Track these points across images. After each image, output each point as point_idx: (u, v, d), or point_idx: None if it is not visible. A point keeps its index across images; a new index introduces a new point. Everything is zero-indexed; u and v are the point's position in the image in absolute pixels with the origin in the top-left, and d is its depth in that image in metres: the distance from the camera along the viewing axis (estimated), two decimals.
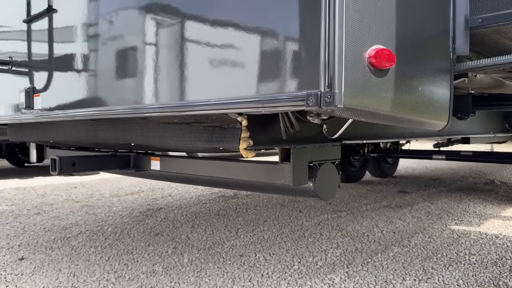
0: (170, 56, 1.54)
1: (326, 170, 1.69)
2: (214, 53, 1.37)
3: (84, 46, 2.07)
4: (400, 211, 4.51)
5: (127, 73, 1.76)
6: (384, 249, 3.17)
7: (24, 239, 3.42)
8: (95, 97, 1.93)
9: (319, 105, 1.03)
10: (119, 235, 3.48)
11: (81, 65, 2.05)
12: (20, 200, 5.27)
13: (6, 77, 2.70)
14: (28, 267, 2.75)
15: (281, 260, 2.87)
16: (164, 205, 4.82)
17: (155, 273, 2.63)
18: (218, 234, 3.51)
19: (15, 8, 2.65)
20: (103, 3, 1.99)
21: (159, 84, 1.57)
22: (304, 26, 1.10)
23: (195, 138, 1.65)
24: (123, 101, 1.76)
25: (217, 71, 1.35)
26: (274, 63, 1.20)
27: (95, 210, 4.53)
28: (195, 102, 1.39)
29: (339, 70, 1.03)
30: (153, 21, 1.63)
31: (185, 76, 1.46)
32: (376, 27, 1.14)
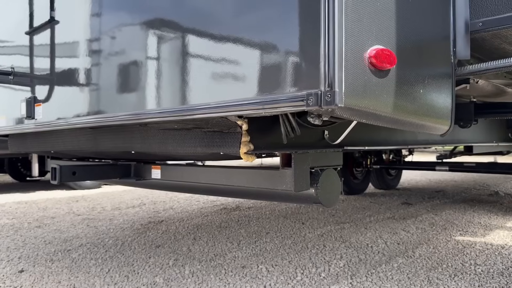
0: (169, 61, 1.54)
1: (328, 176, 1.67)
2: (213, 56, 1.37)
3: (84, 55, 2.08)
4: (404, 223, 4.46)
5: (126, 80, 1.76)
6: (389, 260, 3.12)
7: (24, 251, 3.39)
8: (95, 105, 1.93)
9: (320, 104, 1.02)
10: (119, 247, 3.44)
11: (81, 74, 2.05)
12: (21, 213, 5.25)
13: (8, 88, 2.71)
14: (28, 279, 2.71)
15: (284, 272, 2.83)
16: (166, 217, 4.78)
17: (156, 285, 2.59)
18: (220, 246, 3.47)
19: (17, 19, 2.68)
20: (103, 14, 2.01)
21: (158, 89, 1.56)
22: (303, 26, 1.10)
23: (195, 143, 1.64)
24: (123, 107, 1.76)
25: (216, 74, 1.35)
26: (273, 64, 1.19)
27: (96, 223, 4.50)
28: (195, 106, 1.38)
29: (339, 69, 1.02)
30: (151, 25, 1.64)
31: (184, 80, 1.45)
32: (376, 27, 1.14)
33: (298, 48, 1.13)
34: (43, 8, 2.52)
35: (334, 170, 1.72)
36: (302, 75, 1.10)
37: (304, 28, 1.10)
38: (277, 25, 1.18)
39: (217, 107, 1.28)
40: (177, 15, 1.53)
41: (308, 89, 1.07)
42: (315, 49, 1.06)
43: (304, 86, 1.09)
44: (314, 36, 1.07)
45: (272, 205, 5.57)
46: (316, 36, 1.06)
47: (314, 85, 1.06)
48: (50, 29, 2.44)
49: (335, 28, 1.03)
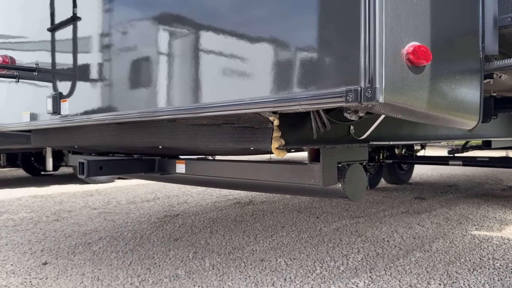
0: (201, 56, 1.56)
1: (354, 170, 1.69)
2: (247, 51, 1.39)
3: (109, 51, 2.11)
4: (418, 217, 4.46)
5: (156, 76, 1.79)
6: (406, 254, 3.14)
7: (45, 244, 3.45)
8: (122, 100, 1.96)
9: (359, 100, 1.04)
10: (139, 241, 3.50)
11: (107, 70, 2.08)
12: (38, 207, 5.33)
13: (32, 84, 2.75)
14: (52, 271, 2.77)
15: (303, 265, 2.86)
16: (181, 211, 4.83)
17: (178, 277, 2.63)
18: (237, 240, 3.51)
19: (40, 16, 2.72)
20: (126, 10, 2.03)
21: (190, 85, 1.59)
22: (343, 22, 1.12)
23: (225, 139, 1.66)
24: (151, 104, 1.79)
25: (253, 70, 1.37)
26: (310, 60, 1.21)
27: (113, 217, 4.56)
28: (228, 102, 1.40)
29: (379, 65, 1.04)
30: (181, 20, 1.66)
31: (218, 75, 1.48)
32: (413, 24, 1.15)
33: (337, 44, 1.14)
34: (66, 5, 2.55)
35: (360, 165, 1.74)
36: (341, 71, 1.12)
37: (343, 24, 1.12)
38: (315, 21, 1.20)
39: (253, 103, 1.31)
40: (215, 10, 1.55)
41: (347, 85, 1.09)
42: (355, 45, 1.08)
43: (342, 82, 1.11)
44: (354, 32, 1.08)
45: (285, 199, 5.60)
46: (355, 32, 1.08)
47: (354, 81, 1.08)
48: (73, 26, 2.47)
49: (376, 24, 1.04)
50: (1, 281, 2.62)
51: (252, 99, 1.31)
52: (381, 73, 1.05)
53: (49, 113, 2.39)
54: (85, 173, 2.15)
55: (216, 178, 2.10)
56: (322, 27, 1.18)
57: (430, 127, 2.36)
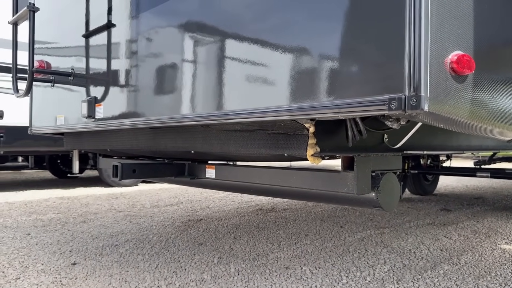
0: (237, 62, 1.59)
1: (388, 180, 1.67)
2: (286, 57, 1.40)
3: (143, 57, 2.16)
4: (445, 229, 4.37)
5: (190, 81, 1.82)
6: (433, 266, 3.07)
7: (74, 245, 3.53)
8: (156, 105, 2.00)
9: (404, 109, 1.04)
10: (164, 244, 3.54)
11: (141, 75, 2.13)
12: (65, 208, 5.46)
13: (67, 88, 2.84)
14: (81, 272, 2.83)
15: (328, 274, 2.84)
16: (204, 216, 4.87)
17: (204, 282, 2.65)
18: (261, 246, 3.51)
19: (76, 23, 2.81)
20: (160, 17, 2.07)
21: (227, 90, 1.61)
22: (387, 29, 1.12)
23: (259, 145, 1.68)
24: (185, 109, 1.82)
25: (290, 76, 1.38)
26: (350, 67, 1.21)
27: (138, 220, 4.62)
28: (265, 108, 1.42)
29: (425, 73, 1.04)
30: (216, 27, 1.69)
31: (255, 82, 1.49)
32: (457, 32, 1.14)
33: (380, 51, 1.14)
34: (101, 12, 2.63)
35: (394, 174, 1.72)
36: (384, 78, 1.12)
37: (387, 31, 1.12)
38: (359, 27, 1.20)
39: (291, 110, 1.32)
40: (251, 16, 1.58)
41: (390, 93, 1.09)
42: (399, 53, 1.08)
43: (385, 89, 1.11)
44: (398, 40, 1.08)
45: (307, 207, 5.57)
46: (400, 40, 1.08)
47: (397, 89, 1.07)
48: (108, 33, 2.54)
49: (421, 32, 1.04)
50: (32, 279, 2.68)
51: (290, 106, 1.32)
52: (426, 82, 1.04)
53: (84, 117, 2.46)
54: (119, 176, 2.20)
55: (246, 184, 2.11)
56: (365, 34, 1.18)
57: (463, 137, 2.32)
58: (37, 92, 3.21)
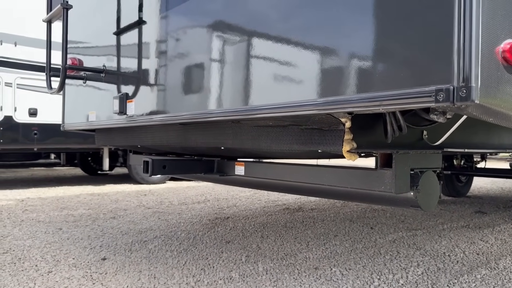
0: (271, 55, 1.54)
1: (428, 178, 1.59)
2: (323, 48, 1.35)
3: (173, 53, 2.15)
4: (481, 232, 4.19)
5: (221, 76, 1.80)
6: (470, 270, 2.94)
7: (104, 240, 3.58)
8: (187, 101, 1.99)
9: (452, 100, 0.97)
10: (192, 241, 3.54)
11: (171, 72, 2.12)
12: (95, 205, 5.56)
13: (98, 85, 2.87)
14: (111, 267, 2.85)
15: (359, 276, 2.76)
16: (231, 214, 4.85)
17: (232, 280, 2.62)
18: (288, 246, 3.45)
19: (109, 20, 2.83)
20: (190, 15, 2.05)
21: (258, 84, 1.57)
22: (435, 16, 1.05)
23: (292, 140, 1.63)
24: (215, 104, 1.79)
25: (327, 67, 1.33)
26: (391, 57, 1.15)
27: (166, 217, 4.66)
28: (300, 102, 1.37)
29: (475, 63, 0.97)
30: (251, 22, 1.65)
31: (289, 74, 1.45)
32: (510, 20, 1.06)
33: (426, 40, 1.08)
34: (131, 9, 2.64)
35: (433, 173, 1.64)
36: (429, 68, 1.05)
37: (435, 19, 1.05)
38: (403, 14, 1.14)
39: (328, 103, 1.26)
40: (283, 9, 1.53)
41: (437, 84, 1.02)
42: (448, 41, 1.01)
43: (431, 80, 1.04)
44: (447, 28, 1.01)
45: (336, 207, 5.47)
46: (449, 28, 1.01)
47: (445, 79, 1.01)
48: (139, 30, 2.55)
49: (472, 20, 0.97)
50: (64, 273, 2.73)
51: (327, 99, 1.27)
52: (477, 72, 0.97)
53: (115, 113, 2.47)
54: (149, 171, 2.20)
55: (276, 181, 2.07)
56: (409, 20, 1.12)
57: (506, 135, 2.20)
58: (69, 90, 3.27)
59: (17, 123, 6.77)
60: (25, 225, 4.17)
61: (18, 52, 6.75)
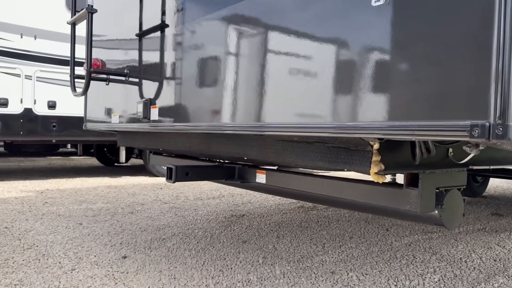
0: (301, 75, 1.55)
1: (453, 197, 1.60)
2: (354, 73, 1.36)
3: (200, 60, 2.16)
4: (498, 237, 4.17)
5: (249, 89, 1.81)
6: (487, 278, 2.94)
7: (123, 237, 3.65)
8: (212, 111, 2.01)
9: (488, 137, 0.98)
10: (209, 240, 3.59)
11: (197, 79, 2.14)
12: (113, 198, 5.66)
13: (122, 88, 2.91)
14: (132, 266, 2.92)
15: (376, 282, 2.78)
16: (246, 211, 4.90)
17: (251, 283, 2.67)
18: (304, 247, 3.49)
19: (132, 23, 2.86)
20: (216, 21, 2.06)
21: (287, 102, 1.59)
22: (473, 48, 1.04)
23: (317, 158, 1.64)
24: (242, 117, 1.81)
25: (358, 91, 1.34)
26: (427, 86, 1.15)
27: (183, 213, 4.72)
28: (328, 124, 1.38)
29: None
30: (283, 37, 1.66)
31: (319, 95, 1.46)
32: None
33: (461, 72, 1.07)
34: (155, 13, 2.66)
35: (458, 191, 1.64)
36: (465, 102, 1.06)
37: (473, 53, 1.05)
38: (436, 43, 1.14)
39: (359, 128, 1.27)
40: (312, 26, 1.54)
41: (472, 118, 1.02)
42: (485, 77, 1.01)
43: (467, 114, 1.04)
44: (484, 63, 1.01)
45: None
46: (486, 63, 1.01)
47: (481, 114, 1.01)
48: (162, 34, 2.57)
49: (511, 58, 0.97)
50: (87, 271, 2.80)
51: (358, 124, 1.28)
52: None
53: (139, 118, 2.51)
54: (173, 178, 2.24)
55: (298, 191, 2.09)
56: (448, 53, 1.11)
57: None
58: (92, 90, 3.31)
59: (36, 115, 6.89)
60: (46, 219, 4.28)
61: (38, 45, 6.84)
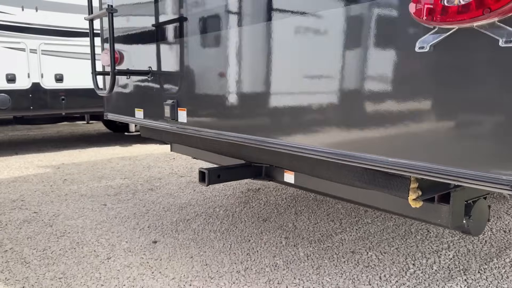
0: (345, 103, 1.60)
1: (480, 207, 1.70)
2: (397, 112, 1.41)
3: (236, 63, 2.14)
4: (506, 204, 4.33)
5: (287, 105, 1.85)
6: (499, 253, 3.12)
7: (149, 219, 3.82)
8: (245, 122, 2.06)
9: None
10: (231, 219, 3.76)
11: (232, 85, 2.15)
12: (130, 172, 5.80)
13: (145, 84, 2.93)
14: (163, 252, 3.10)
15: (395, 261, 2.96)
16: (261, 185, 5.05)
17: (278, 267, 2.85)
18: (323, 225, 3.65)
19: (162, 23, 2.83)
20: (262, 27, 1.97)
21: (327, 127, 1.64)
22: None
23: (354, 178, 1.73)
24: (287, 136, 1.84)
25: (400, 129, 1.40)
26: (472, 135, 1.21)
27: (200, 188, 4.88)
28: (368, 157, 1.45)
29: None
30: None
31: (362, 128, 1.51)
32: None
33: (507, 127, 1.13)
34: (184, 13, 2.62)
35: (484, 200, 1.74)
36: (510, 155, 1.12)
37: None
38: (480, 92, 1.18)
39: (399, 165, 1.35)
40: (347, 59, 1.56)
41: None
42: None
43: (506, 165, 1.11)
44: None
45: None
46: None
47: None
48: (195, 35, 2.49)
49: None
50: (122, 260, 2.98)
51: (398, 161, 1.35)
52: None
53: (166, 119, 2.56)
54: (206, 182, 2.34)
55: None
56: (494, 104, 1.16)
57: None
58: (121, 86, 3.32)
59: (45, 89, 6.88)
60: (70, 200, 4.44)
61: (40, 17, 6.70)
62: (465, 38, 1.19)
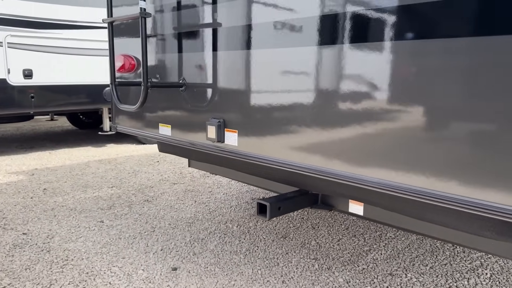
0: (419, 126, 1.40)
1: None
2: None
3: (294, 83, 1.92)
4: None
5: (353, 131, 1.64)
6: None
7: (159, 239, 3.47)
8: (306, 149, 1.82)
9: None
10: (249, 238, 3.50)
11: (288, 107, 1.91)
12: (115, 179, 5.35)
13: (175, 98, 2.58)
14: (189, 282, 2.79)
15: (437, 284, 2.85)
16: (265, 193, 4.82)
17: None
18: (347, 242, 3.49)
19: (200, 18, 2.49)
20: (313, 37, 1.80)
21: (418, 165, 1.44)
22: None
23: (483, 228, 1.54)
24: (339, 165, 1.64)
25: None
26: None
27: (200, 198, 4.56)
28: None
29: None
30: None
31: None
32: None
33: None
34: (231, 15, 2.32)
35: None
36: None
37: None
38: None
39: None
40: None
41: None
42: None
43: None
44: None
45: None
46: None
47: None
48: (246, 49, 2.20)
49: None
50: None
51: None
52: None
53: (209, 140, 2.26)
54: (268, 216, 2.08)
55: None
56: None
57: None
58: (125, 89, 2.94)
59: (12, 86, 6.21)
60: (60, 217, 3.98)
61: (6, 7, 5.99)
62: None
